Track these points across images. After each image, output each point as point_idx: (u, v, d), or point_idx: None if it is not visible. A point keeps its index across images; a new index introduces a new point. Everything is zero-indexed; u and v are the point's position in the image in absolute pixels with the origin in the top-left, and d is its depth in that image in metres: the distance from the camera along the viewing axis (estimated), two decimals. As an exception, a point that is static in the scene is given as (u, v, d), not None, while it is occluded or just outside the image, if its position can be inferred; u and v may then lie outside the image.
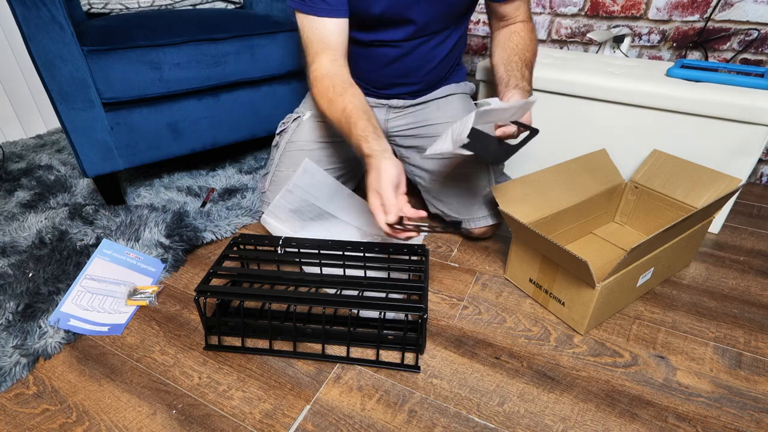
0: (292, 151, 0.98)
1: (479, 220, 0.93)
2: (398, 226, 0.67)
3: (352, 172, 1.05)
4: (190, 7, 1.28)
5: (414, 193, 1.18)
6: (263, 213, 0.97)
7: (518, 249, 0.82)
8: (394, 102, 0.99)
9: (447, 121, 0.97)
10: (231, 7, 1.35)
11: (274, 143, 1.04)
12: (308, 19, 0.80)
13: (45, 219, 1.04)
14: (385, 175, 0.67)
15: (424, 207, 1.10)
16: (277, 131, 1.03)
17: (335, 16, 0.79)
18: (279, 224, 0.94)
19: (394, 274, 0.82)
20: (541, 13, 1.39)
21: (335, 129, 0.80)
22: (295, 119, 1.00)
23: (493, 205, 0.92)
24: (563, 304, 0.75)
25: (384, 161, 0.68)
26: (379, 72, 0.93)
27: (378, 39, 0.87)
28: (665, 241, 0.74)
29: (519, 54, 0.83)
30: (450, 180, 0.94)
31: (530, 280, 0.81)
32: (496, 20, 0.91)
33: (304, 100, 1.05)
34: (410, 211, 0.67)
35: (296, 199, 0.92)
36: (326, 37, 0.80)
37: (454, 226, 0.79)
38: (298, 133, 0.98)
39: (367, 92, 0.98)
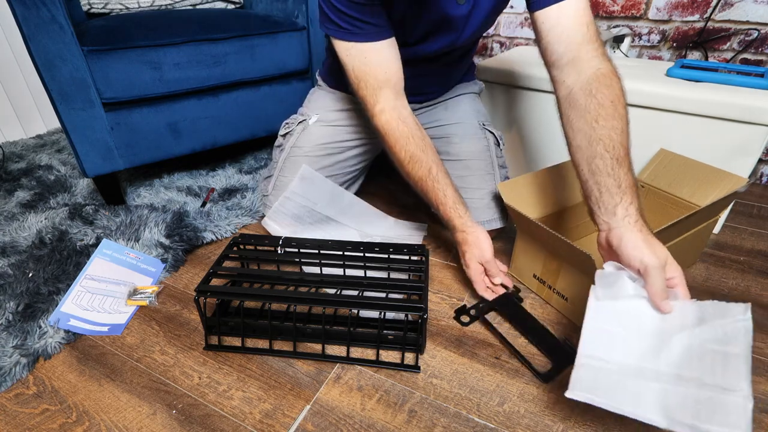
0: (296, 156, 0.96)
1: (483, 225, 0.92)
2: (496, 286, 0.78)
3: (357, 176, 1.04)
4: (190, 7, 1.29)
5: (410, 194, 1.18)
6: (265, 216, 0.97)
7: (523, 245, 0.83)
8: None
9: (456, 122, 0.96)
10: (231, 7, 1.35)
11: (277, 144, 1.02)
12: (356, 48, 0.69)
13: (45, 219, 1.04)
14: (487, 245, 0.74)
15: (419, 208, 1.10)
16: (281, 132, 1.01)
17: (386, 36, 0.68)
18: (280, 228, 0.94)
19: (395, 274, 0.82)
20: (541, 13, 1.39)
21: (413, 184, 0.77)
22: (300, 122, 0.98)
23: (495, 210, 0.92)
24: (566, 299, 0.75)
25: (482, 234, 0.75)
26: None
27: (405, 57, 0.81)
28: (669, 239, 0.74)
29: (603, 140, 0.57)
30: None
31: (534, 276, 0.81)
32: (555, 70, 0.65)
33: (310, 102, 1.03)
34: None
35: (295, 205, 0.92)
36: (384, 65, 0.70)
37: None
38: (304, 137, 0.97)
39: None
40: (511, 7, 1.42)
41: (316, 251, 0.79)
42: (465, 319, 0.77)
